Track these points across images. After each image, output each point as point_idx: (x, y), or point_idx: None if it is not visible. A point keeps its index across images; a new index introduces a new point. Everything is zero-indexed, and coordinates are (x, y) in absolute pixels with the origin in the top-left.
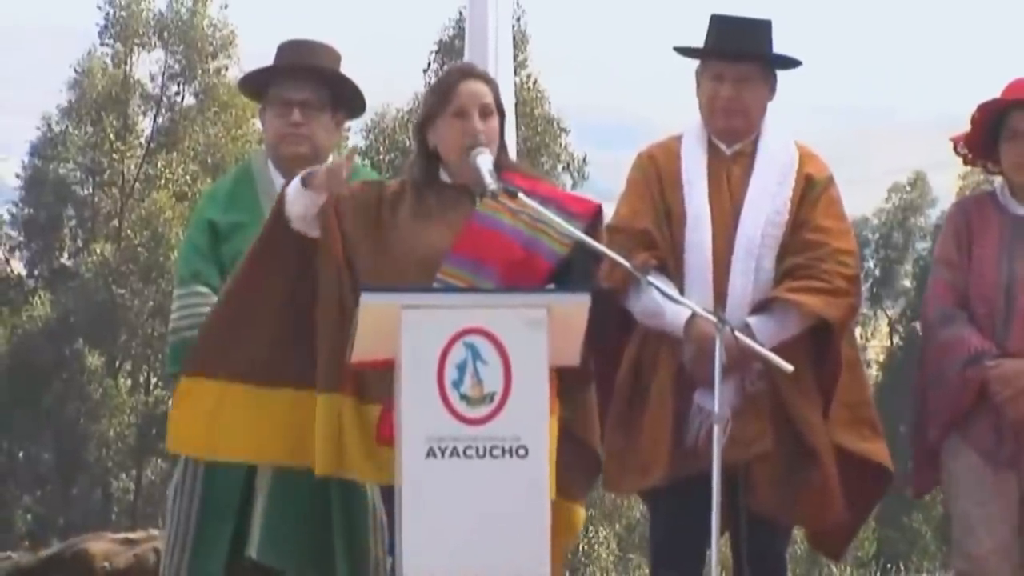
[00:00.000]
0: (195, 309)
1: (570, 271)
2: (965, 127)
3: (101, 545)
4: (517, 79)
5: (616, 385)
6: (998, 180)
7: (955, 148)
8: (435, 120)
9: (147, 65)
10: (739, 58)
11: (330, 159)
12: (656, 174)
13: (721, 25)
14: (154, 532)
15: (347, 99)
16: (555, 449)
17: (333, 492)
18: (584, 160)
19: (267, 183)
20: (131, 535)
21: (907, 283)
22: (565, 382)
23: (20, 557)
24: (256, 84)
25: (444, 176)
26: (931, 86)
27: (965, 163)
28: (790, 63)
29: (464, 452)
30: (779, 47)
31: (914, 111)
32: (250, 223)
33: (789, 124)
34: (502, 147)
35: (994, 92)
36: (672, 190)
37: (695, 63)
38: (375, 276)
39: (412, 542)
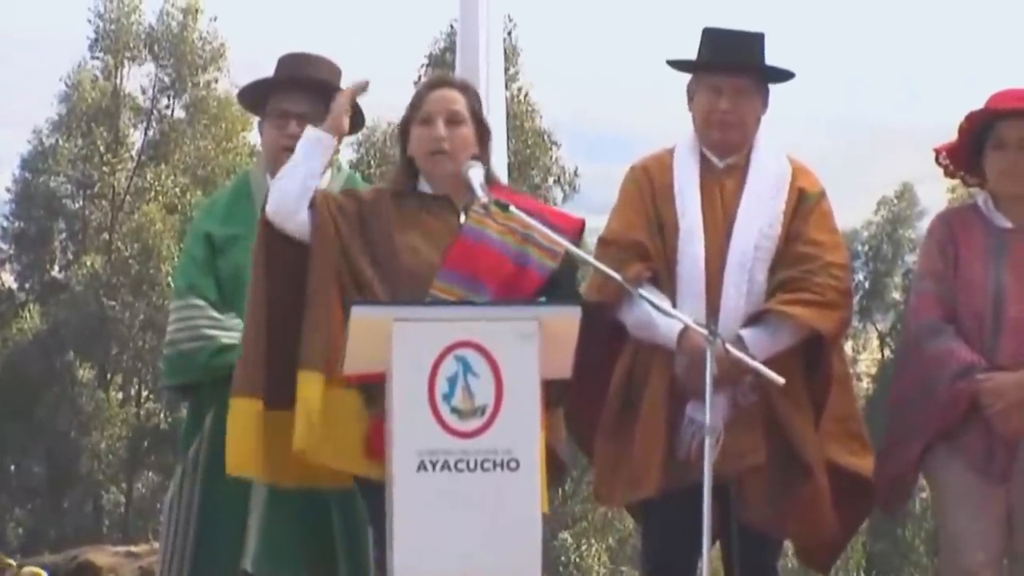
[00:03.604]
0: (191, 321)
1: (557, 285)
2: (953, 139)
3: (105, 557)
4: (508, 93)
5: (608, 396)
6: (980, 194)
7: (937, 159)
8: (410, 129)
9: (137, 78)
10: (735, 71)
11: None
12: (649, 186)
13: (715, 38)
14: (157, 545)
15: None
16: (544, 462)
17: (332, 500)
18: (575, 173)
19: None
20: (133, 548)
21: (897, 295)
22: (550, 395)
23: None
24: (255, 96)
25: (424, 187)
26: (918, 98)
27: (946, 174)
28: (785, 75)
29: (455, 465)
30: (767, 59)
31: (901, 123)
32: (247, 236)
33: (776, 136)
34: (484, 158)
35: (982, 104)
36: (665, 202)
37: (685, 75)
38: (371, 289)
39: (403, 556)
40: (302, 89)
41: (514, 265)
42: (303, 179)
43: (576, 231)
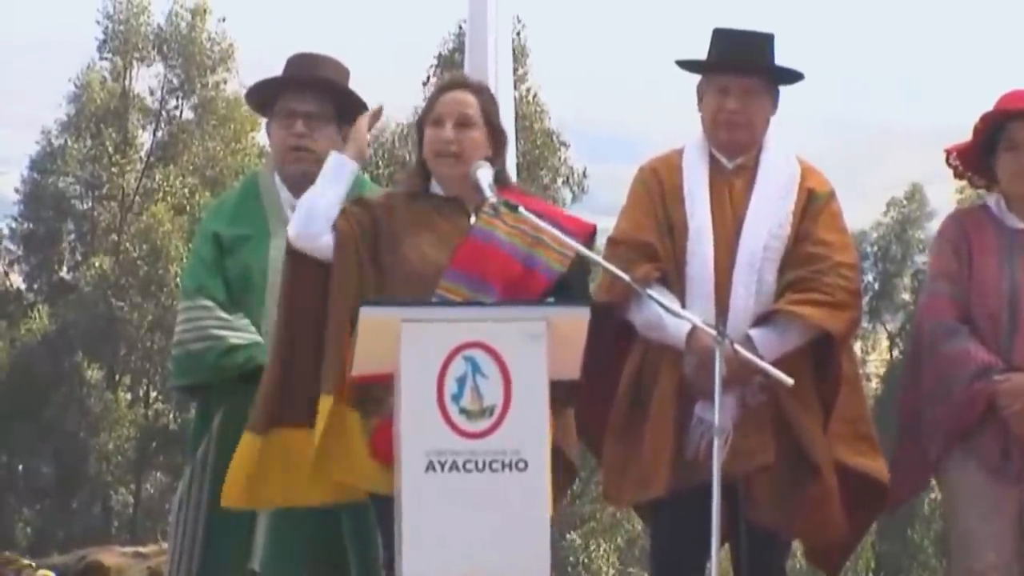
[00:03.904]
0: (200, 322)
1: (568, 288)
2: (960, 139)
3: (113, 558)
4: (516, 93)
5: (617, 396)
6: (991, 195)
7: (947, 159)
8: (424, 131)
9: (146, 79)
10: (744, 71)
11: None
12: (658, 187)
13: (725, 39)
14: (166, 545)
15: (353, 113)
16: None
17: (342, 504)
18: (584, 173)
19: (274, 198)
20: (142, 548)
21: (906, 296)
22: (556, 396)
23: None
24: (262, 96)
25: (436, 188)
26: (916, 99)
27: (956, 175)
28: (794, 76)
29: (464, 466)
30: (776, 60)
31: (899, 124)
32: (255, 236)
33: (784, 137)
34: (497, 162)
35: (990, 103)
36: (674, 203)
37: (694, 76)
38: (377, 291)
39: (412, 557)
40: (309, 89)
41: (522, 267)
42: (327, 203)
43: (587, 235)
